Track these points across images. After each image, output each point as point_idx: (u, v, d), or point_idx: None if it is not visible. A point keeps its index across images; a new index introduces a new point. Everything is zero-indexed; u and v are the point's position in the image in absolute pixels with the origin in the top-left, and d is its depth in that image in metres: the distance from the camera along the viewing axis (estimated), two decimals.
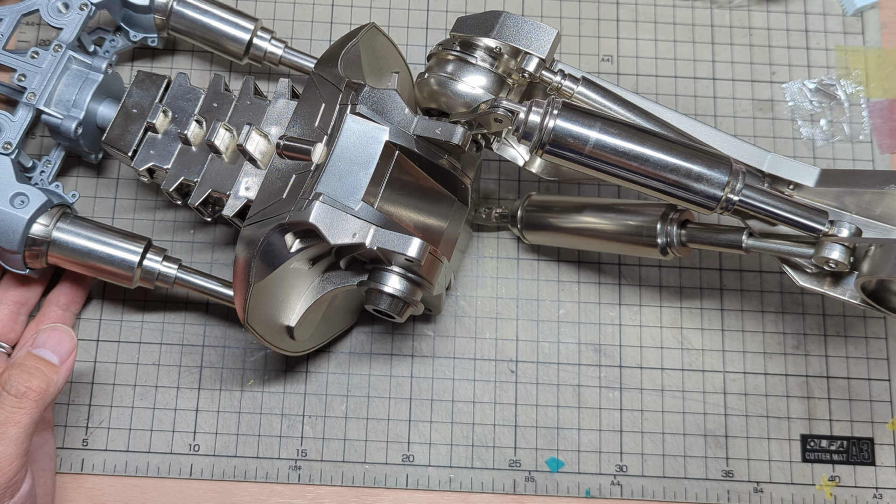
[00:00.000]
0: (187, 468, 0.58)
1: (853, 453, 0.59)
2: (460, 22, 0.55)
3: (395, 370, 0.60)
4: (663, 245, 0.53)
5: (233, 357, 0.59)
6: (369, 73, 0.55)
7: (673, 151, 0.47)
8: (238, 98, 0.57)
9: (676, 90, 0.64)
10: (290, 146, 0.51)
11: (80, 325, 0.60)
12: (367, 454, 0.58)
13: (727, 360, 0.60)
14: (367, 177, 0.49)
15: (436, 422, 0.59)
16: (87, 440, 0.58)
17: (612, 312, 0.61)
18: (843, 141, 0.64)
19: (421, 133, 0.51)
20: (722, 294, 0.61)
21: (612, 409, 0.59)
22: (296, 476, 0.58)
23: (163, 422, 0.58)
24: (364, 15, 0.66)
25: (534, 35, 0.53)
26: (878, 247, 0.46)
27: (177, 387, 0.59)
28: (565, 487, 0.58)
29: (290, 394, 0.59)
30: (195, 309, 0.60)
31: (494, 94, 0.53)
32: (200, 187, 0.54)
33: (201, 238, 0.62)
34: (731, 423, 0.59)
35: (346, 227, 0.48)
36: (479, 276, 0.61)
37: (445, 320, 0.60)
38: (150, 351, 0.59)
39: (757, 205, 0.47)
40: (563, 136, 0.47)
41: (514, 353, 0.60)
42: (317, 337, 0.57)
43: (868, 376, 0.60)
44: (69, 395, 0.58)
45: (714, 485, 0.58)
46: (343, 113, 0.51)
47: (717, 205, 0.47)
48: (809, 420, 0.60)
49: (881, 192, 0.48)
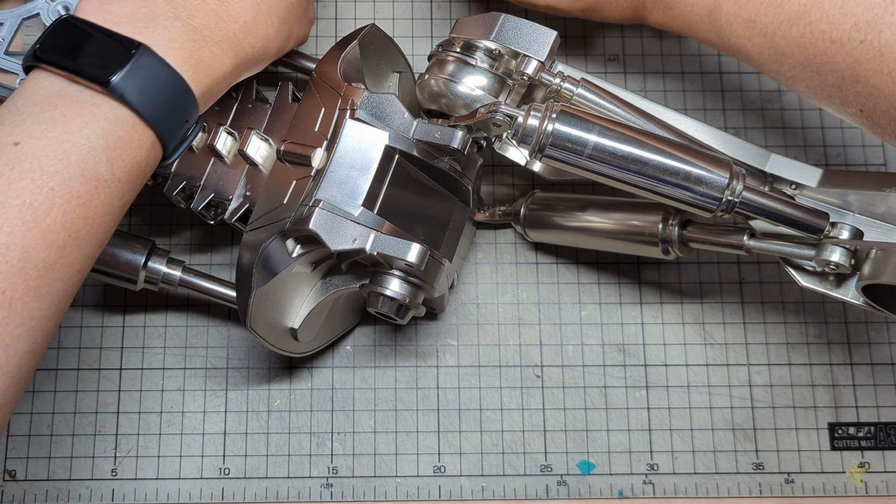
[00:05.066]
0: (219, 492, 0.57)
1: (881, 438, 0.59)
2: (460, 23, 0.55)
3: (420, 382, 0.59)
4: (664, 245, 0.53)
5: (258, 378, 0.59)
6: (370, 74, 0.55)
7: (672, 154, 0.47)
8: (239, 101, 0.57)
9: (684, 86, 0.65)
10: (290, 151, 0.52)
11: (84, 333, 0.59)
12: (398, 468, 0.58)
13: (751, 352, 0.60)
14: (366, 182, 0.49)
15: (465, 431, 0.59)
16: (116, 470, 0.58)
17: (633, 312, 0.61)
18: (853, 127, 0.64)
19: (420, 137, 0.51)
20: (742, 287, 0.61)
21: (639, 408, 0.59)
22: (328, 494, 0.57)
23: (191, 447, 0.58)
24: (368, 7, 0.66)
25: (533, 37, 0.53)
26: (878, 250, 0.47)
27: (203, 411, 0.59)
28: (598, 489, 0.58)
29: (317, 411, 0.59)
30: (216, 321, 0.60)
31: (495, 96, 0.53)
32: (203, 191, 0.55)
33: (199, 239, 0.62)
34: (759, 416, 0.59)
35: (346, 233, 0.48)
36: (500, 283, 0.61)
37: (468, 329, 0.60)
38: (174, 377, 0.59)
39: (757, 207, 0.48)
40: (562, 140, 0.47)
41: (539, 357, 0.60)
42: (321, 337, 0.57)
43: (892, 360, 0.60)
44: (95, 425, 0.58)
45: (745, 478, 0.58)
46: (342, 118, 0.51)
47: (717, 207, 0.47)
48: (836, 408, 0.60)
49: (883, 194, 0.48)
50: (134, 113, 0.42)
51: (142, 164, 0.43)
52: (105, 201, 0.41)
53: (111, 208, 0.42)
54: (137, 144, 0.42)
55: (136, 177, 0.43)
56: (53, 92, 0.41)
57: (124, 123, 0.42)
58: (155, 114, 0.43)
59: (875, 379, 0.60)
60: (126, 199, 0.43)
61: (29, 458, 0.58)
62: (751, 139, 0.63)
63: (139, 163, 0.43)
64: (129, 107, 0.42)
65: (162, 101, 0.43)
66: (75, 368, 0.59)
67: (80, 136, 0.40)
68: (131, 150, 0.42)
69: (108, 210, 0.42)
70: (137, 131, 0.42)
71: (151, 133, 0.43)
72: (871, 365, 0.60)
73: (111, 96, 0.42)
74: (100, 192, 0.41)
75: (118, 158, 0.42)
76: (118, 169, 0.42)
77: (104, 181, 0.41)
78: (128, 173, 0.42)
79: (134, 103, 0.42)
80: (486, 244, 0.62)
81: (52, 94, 0.41)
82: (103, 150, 0.41)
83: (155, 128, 0.43)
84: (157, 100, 0.43)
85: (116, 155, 0.41)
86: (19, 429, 0.58)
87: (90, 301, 0.60)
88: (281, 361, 0.59)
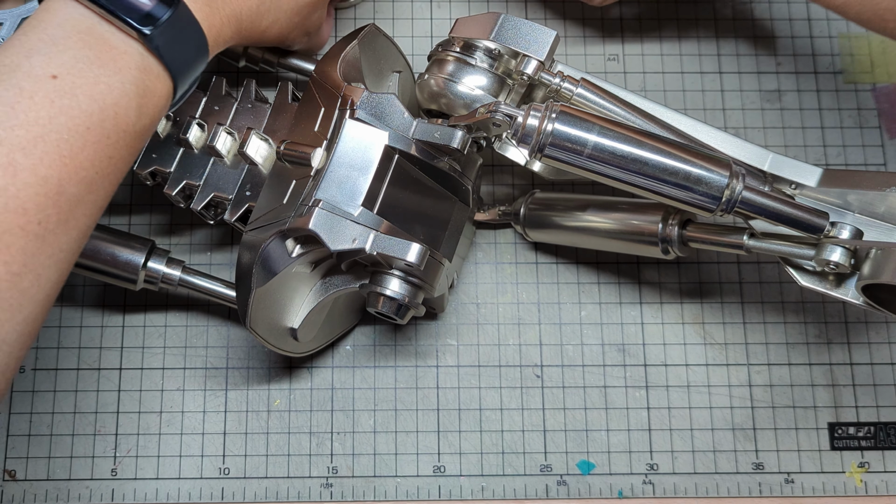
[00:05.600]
0: (219, 492, 0.57)
1: (881, 438, 0.59)
2: (460, 23, 0.55)
3: (420, 382, 0.59)
4: (664, 244, 0.53)
5: (257, 378, 0.59)
6: (369, 74, 0.55)
7: (672, 154, 0.47)
8: (239, 101, 0.57)
9: (684, 85, 0.65)
10: (289, 151, 0.52)
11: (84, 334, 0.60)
12: (398, 468, 0.58)
13: (750, 352, 0.60)
14: (366, 182, 0.50)
15: (464, 431, 0.59)
16: (116, 470, 0.58)
17: (633, 312, 0.61)
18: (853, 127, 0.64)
19: (420, 137, 0.51)
20: (741, 287, 0.61)
21: (639, 408, 0.59)
22: (328, 494, 0.57)
23: (191, 447, 0.58)
24: (368, 7, 0.66)
25: (532, 37, 0.53)
26: (878, 250, 0.47)
27: (203, 411, 0.59)
28: (598, 489, 0.58)
29: (317, 411, 0.59)
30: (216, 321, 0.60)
31: (494, 95, 0.53)
32: (203, 191, 0.55)
33: (199, 239, 0.62)
34: (759, 416, 0.59)
35: (345, 233, 0.48)
36: (500, 283, 0.61)
37: (468, 329, 0.60)
38: (174, 377, 0.59)
39: (757, 207, 0.48)
40: (562, 140, 0.48)
41: (539, 357, 0.60)
42: (321, 337, 0.57)
43: (891, 360, 0.60)
44: (95, 425, 0.58)
45: (745, 478, 0.58)
46: (342, 118, 0.51)
47: (717, 207, 0.47)
48: (836, 408, 0.60)
49: (883, 194, 0.48)
50: (162, 65, 0.44)
51: (161, 112, 0.45)
52: (129, 144, 0.43)
53: (132, 151, 0.44)
54: (160, 94, 0.44)
55: (154, 124, 0.45)
56: (84, 27, 0.42)
57: (152, 73, 0.43)
58: (180, 68, 0.45)
59: (875, 379, 0.60)
60: (142, 145, 0.45)
61: (29, 458, 0.58)
62: (751, 139, 0.63)
63: (159, 111, 0.45)
64: (160, 59, 0.43)
65: (187, 57, 0.45)
66: (75, 368, 0.59)
67: (115, 81, 0.42)
68: (155, 98, 0.44)
69: (129, 153, 0.43)
70: (162, 82, 0.44)
71: (171, 84, 0.45)
72: (870, 365, 0.60)
73: (146, 47, 0.43)
74: (126, 135, 0.43)
75: (145, 106, 0.43)
76: (144, 116, 0.43)
77: (132, 125, 0.43)
78: (151, 120, 0.44)
79: (165, 57, 0.43)
80: (486, 244, 0.62)
81: (84, 30, 0.42)
82: (134, 96, 0.42)
83: (176, 80, 0.45)
84: (184, 56, 0.45)
85: (144, 102, 0.43)
86: (19, 429, 0.58)
87: (90, 301, 0.60)
88: (281, 361, 0.59)
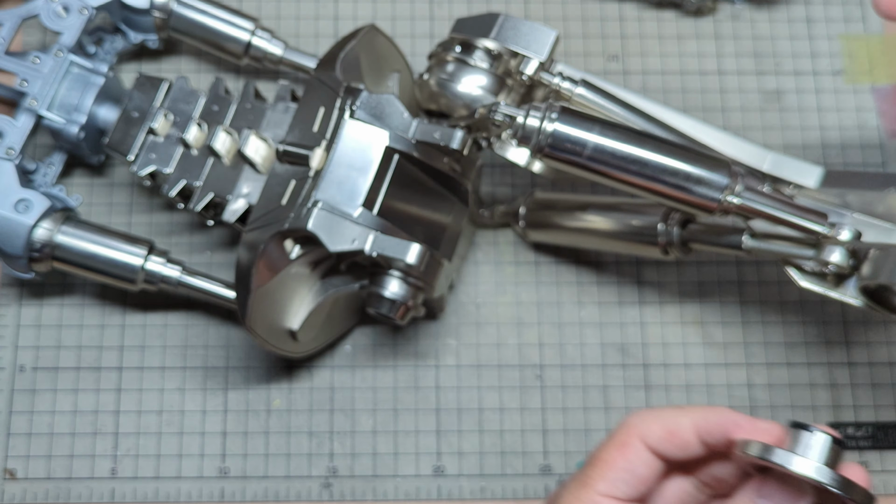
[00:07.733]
0: (218, 492, 0.57)
1: (879, 438, 0.59)
2: (460, 23, 0.55)
3: (420, 382, 0.59)
4: (664, 245, 0.53)
5: (257, 377, 0.59)
6: (369, 75, 0.55)
7: (672, 155, 0.48)
8: (238, 101, 0.57)
9: (683, 85, 0.65)
10: (288, 151, 0.52)
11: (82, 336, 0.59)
12: (397, 468, 0.58)
13: (749, 352, 0.60)
14: (365, 182, 0.50)
15: (464, 431, 0.59)
16: (116, 469, 0.58)
17: (633, 311, 0.61)
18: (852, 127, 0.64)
19: (420, 137, 0.51)
20: (740, 287, 0.61)
21: (639, 407, 0.59)
22: (328, 494, 0.57)
23: (190, 446, 0.58)
24: (368, 6, 0.66)
25: (532, 37, 0.53)
26: (877, 250, 0.47)
27: (202, 410, 0.59)
28: None
29: (316, 411, 0.59)
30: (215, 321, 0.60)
31: (494, 95, 0.53)
32: (202, 192, 0.55)
33: (199, 240, 0.62)
34: (758, 415, 0.59)
35: (345, 234, 0.48)
36: (499, 283, 0.61)
37: (468, 329, 0.60)
38: (173, 376, 0.59)
39: (756, 207, 0.48)
40: (562, 140, 0.48)
41: (539, 357, 0.60)
42: (321, 337, 0.57)
43: (890, 361, 0.60)
44: (94, 424, 0.58)
45: None
46: (341, 118, 0.51)
47: (717, 208, 0.47)
48: (834, 407, 0.60)
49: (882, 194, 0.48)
50: None
51: None
52: None
53: None
54: None
55: None
56: None
57: None
58: None
59: (873, 379, 0.60)
60: None
61: (29, 457, 0.58)
62: (751, 139, 0.62)
63: None
64: None
65: None
66: (75, 367, 0.59)
67: None
68: None
69: None
70: None
71: None
72: (869, 365, 0.60)
73: None
74: None
75: None
76: None
77: None
78: None
79: None
80: (486, 244, 0.62)
81: None
82: None
83: None
84: None
85: None
86: (19, 428, 0.58)
87: (90, 300, 0.60)
88: (280, 361, 0.59)
